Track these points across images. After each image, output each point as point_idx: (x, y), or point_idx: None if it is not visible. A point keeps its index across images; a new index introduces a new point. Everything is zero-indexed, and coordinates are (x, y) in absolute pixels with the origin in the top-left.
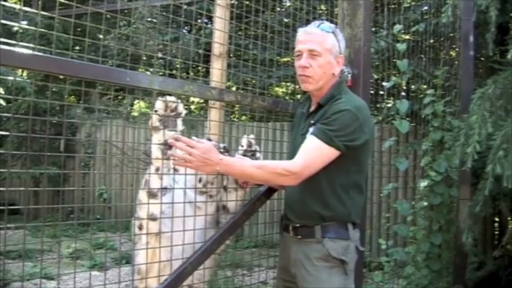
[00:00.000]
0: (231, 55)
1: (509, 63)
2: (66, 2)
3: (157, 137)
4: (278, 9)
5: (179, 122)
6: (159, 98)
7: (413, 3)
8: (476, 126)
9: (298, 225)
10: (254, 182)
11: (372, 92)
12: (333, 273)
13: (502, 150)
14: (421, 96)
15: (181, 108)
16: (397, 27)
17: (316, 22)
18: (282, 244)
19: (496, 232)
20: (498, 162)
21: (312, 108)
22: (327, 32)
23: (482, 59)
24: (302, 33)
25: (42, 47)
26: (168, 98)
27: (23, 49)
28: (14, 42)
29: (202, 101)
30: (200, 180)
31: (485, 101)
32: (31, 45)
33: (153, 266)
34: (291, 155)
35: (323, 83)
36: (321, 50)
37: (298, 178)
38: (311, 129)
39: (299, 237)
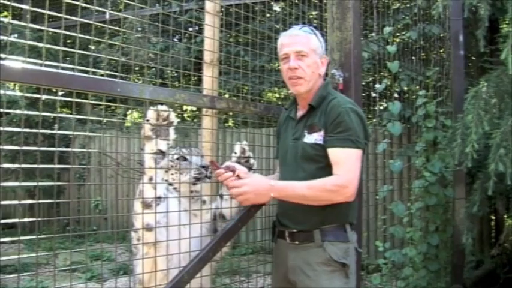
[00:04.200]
0: (222, 62)
1: (501, 61)
2: (55, 14)
3: (150, 147)
4: (268, 15)
5: (171, 130)
6: (151, 107)
7: (402, 6)
8: (473, 125)
9: (295, 230)
10: (309, 203)
11: (364, 94)
12: (334, 277)
13: (503, 148)
14: (413, 97)
15: (173, 117)
16: (387, 29)
17: (297, 26)
18: (277, 252)
19: (493, 230)
20: (500, 160)
21: (302, 111)
22: (310, 34)
23: (473, 58)
24: (285, 37)
25: (33, 60)
26: (160, 107)
27: (11, 62)
28: (3, 55)
29: (195, 109)
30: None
31: (480, 100)
32: (21, 58)
33: (153, 276)
34: (282, 159)
35: (313, 83)
36: (307, 50)
37: (350, 191)
38: (315, 137)
39: (296, 242)
